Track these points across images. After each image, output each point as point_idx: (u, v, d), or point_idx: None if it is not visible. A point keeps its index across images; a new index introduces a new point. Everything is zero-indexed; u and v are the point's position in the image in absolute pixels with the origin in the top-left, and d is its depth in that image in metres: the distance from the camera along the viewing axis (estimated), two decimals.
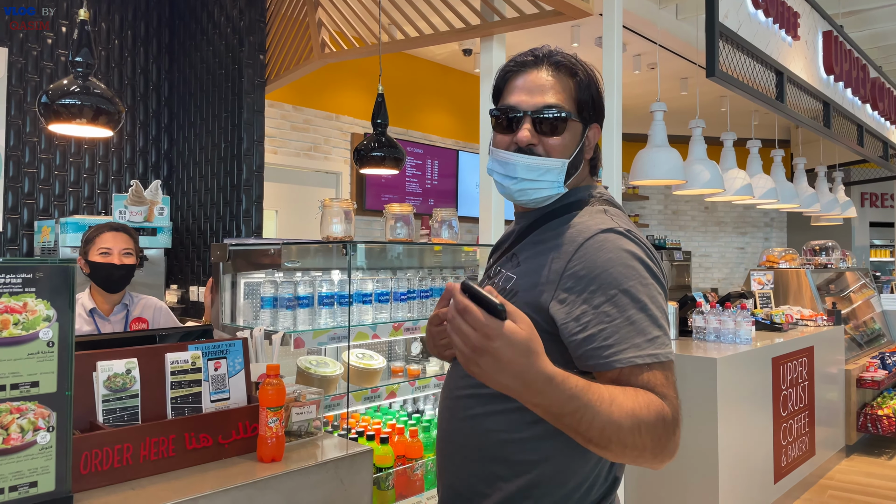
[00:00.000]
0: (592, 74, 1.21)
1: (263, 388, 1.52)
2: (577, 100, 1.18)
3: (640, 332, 1.00)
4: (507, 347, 0.82)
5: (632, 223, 1.16)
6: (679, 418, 0.99)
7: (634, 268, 1.04)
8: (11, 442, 1.21)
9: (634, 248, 1.07)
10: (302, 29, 4.23)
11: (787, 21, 4.00)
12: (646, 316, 1.01)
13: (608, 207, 1.18)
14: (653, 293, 1.04)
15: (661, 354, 1.00)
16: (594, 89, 1.20)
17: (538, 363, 0.84)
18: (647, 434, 0.92)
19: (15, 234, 4.12)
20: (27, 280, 1.23)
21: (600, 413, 0.89)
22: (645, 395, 0.96)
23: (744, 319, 3.76)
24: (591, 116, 1.20)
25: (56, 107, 2.14)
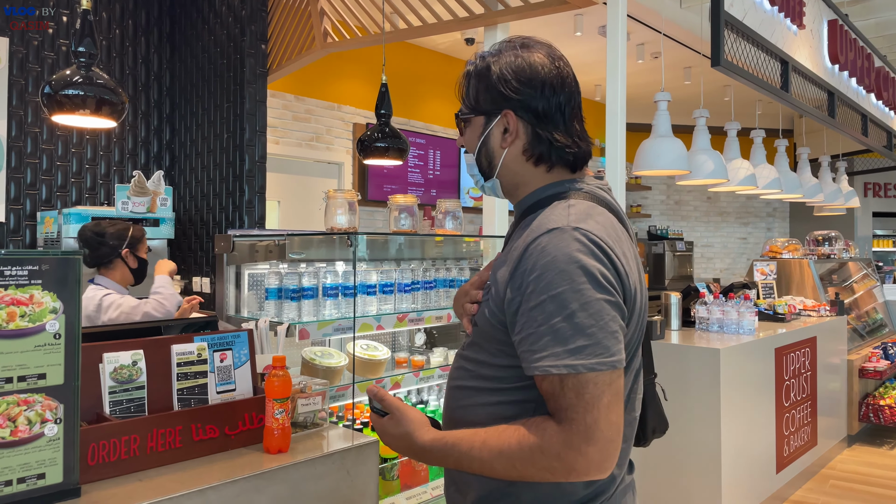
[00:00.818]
0: (486, 63, 1.16)
1: (269, 380, 1.52)
2: (471, 95, 1.19)
3: (562, 340, 0.97)
4: (387, 437, 1.14)
5: (596, 217, 1.08)
6: (583, 439, 0.95)
7: (568, 272, 0.99)
8: (19, 434, 1.21)
9: (576, 249, 1.00)
10: (304, 18, 4.21)
11: (792, 10, 3.97)
12: (570, 324, 0.97)
13: (577, 201, 1.10)
14: (586, 299, 0.98)
15: (582, 365, 0.96)
16: (489, 79, 1.15)
17: (413, 440, 1.10)
18: (524, 466, 0.99)
19: (18, 225, 4.11)
20: (33, 272, 1.23)
21: (473, 458, 1.03)
22: (521, 430, 1.00)
23: (747, 310, 3.76)
24: (491, 106, 1.15)
25: (59, 97, 2.13)
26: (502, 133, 1.16)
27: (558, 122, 1.14)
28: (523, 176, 1.18)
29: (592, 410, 0.96)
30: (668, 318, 3.82)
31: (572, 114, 1.16)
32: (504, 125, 1.15)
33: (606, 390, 0.97)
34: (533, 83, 1.13)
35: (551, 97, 1.13)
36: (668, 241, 8.06)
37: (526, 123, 1.14)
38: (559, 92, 1.14)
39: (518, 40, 1.17)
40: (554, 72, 1.14)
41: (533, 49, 1.15)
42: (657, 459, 3.34)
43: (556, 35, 6.05)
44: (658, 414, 1.32)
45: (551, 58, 1.15)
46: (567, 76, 1.15)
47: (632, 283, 1.05)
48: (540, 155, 1.15)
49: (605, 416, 0.96)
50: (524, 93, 1.13)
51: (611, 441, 0.97)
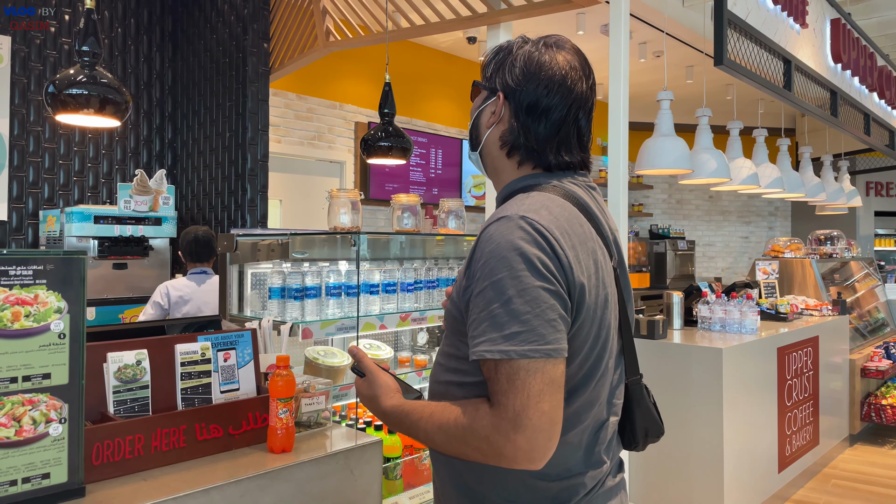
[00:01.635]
0: (514, 46, 1.20)
1: (273, 380, 1.52)
2: (489, 69, 1.23)
3: (498, 326, 0.98)
4: (360, 396, 1.21)
5: (551, 207, 1.07)
6: (511, 424, 0.95)
7: (508, 259, 1.00)
8: (24, 434, 1.21)
9: (519, 236, 1.01)
10: (306, 17, 4.20)
11: (795, 8, 3.97)
12: (506, 311, 0.98)
13: (538, 194, 1.11)
14: (524, 286, 0.98)
15: (514, 351, 0.96)
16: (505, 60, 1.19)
17: (378, 403, 1.16)
18: (460, 444, 1.02)
19: (20, 224, 4.12)
20: (38, 272, 1.23)
21: (420, 429, 1.08)
22: (460, 408, 1.03)
23: (749, 309, 3.76)
24: (493, 84, 1.19)
25: (63, 97, 2.13)
26: (491, 112, 1.20)
27: (541, 122, 1.15)
28: (498, 161, 1.21)
29: (521, 397, 0.96)
30: (670, 318, 3.82)
31: (561, 124, 1.15)
32: (495, 105, 1.19)
33: (538, 378, 0.97)
34: (532, 78, 1.14)
35: (543, 97, 1.14)
36: (669, 240, 8.05)
37: (511, 112, 1.17)
38: (553, 95, 1.14)
39: (554, 39, 1.20)
40: (559, 77, 1.14)
41: (558, 51, 1.17)
42: (660, 459, 3.34)
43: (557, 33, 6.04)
44: (650, 417, 1.26)
45: (567, 65, 1.15)
46: (572, 86, 1.15)
47: (577, 277, 1.03)
48: (511, 146, 1.18)
49: (535, 404, 0.96)
50: (520, 83, 1.15)
51: (540, 430, 0.96)
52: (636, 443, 1.25)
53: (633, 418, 1.23)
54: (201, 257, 3.41)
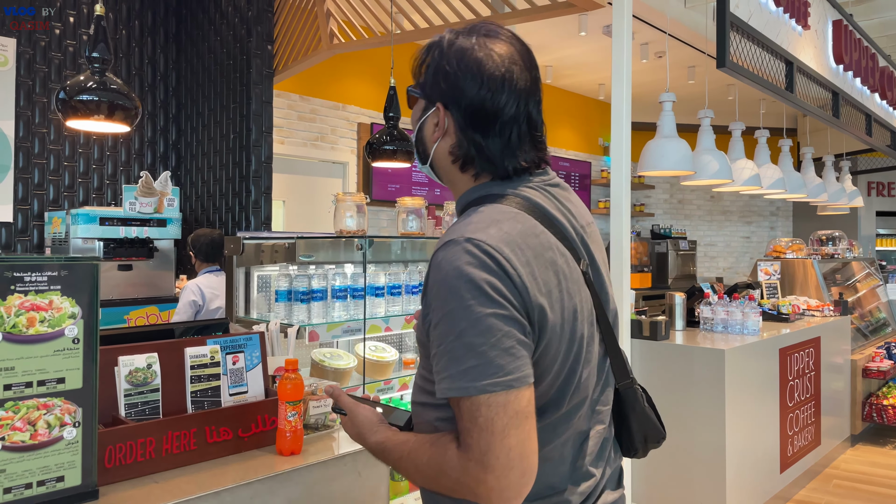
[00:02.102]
0: (445, 43, 1.07)
1: (282, 383, 1.54)
2: (423, 72, 1.10)
3: (455, 361, 0.93)
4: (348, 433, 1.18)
5: (504, 225, 0.99)
6: (479, 466, 0.91)
7: (456, 288, 0.93)
8: (39, 437, 1.23)
9: (466, 261, 0.94)
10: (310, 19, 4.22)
11: (797, 10, 3.98)
12: (461, 344, 0.92)
13: (489, 207, 1.03)
14: (475, 316, 0.92)
15: (473, 387, 0.91)
16: (438, 62, 1.06)
17: (364, 440, 1.13)
18: (435, 483, 0.99)
19: (25, 225, 4.14)
20: (52, 278, 1.25)
21: (401, 468, 1.06)
22: (433, 448, 0.99)
23: (751, 310, 3.77)
24: (430, 92, 1.08)
25: (74, 103, 2.15)
26: (434, 125, 1.09)
27: (490, 130, 1.04)
28: (451, 175, 1.12)
29: (486, 435, 0.91)
30: (672, 319, 3.84)
31: (516, 126, 1.05)
32: (436, 118, 1.08)
33: (501, 413, 0.91)
34: (472, 81, 1.03)
35: (487, 101, 1.03)
36: (671, 241, 8.06)
37: (456, 123, 1.06)
38: (498, 96, 1.03)
39: (485, 29, 1.07)
40: (501, 73, 1.03)
41: (494, 42, 1.05)
42: (662, 459, 3.36)
43: (560, 35, 6.06)
44: (647, 422, 1.18)
45: (509, 58, 1.04)
46: (516, 81, 1.04)
47: (534, 296, 0.96)
48: (464, 160, 1.08)
49: (500, 442, 0.90)
50: (459, 89, 1.04)
51: (510, 468, 0.90)
52: (635, 449, 1.20)
53: (629, 424, 1.17)
54: (216, 257, 3.61)
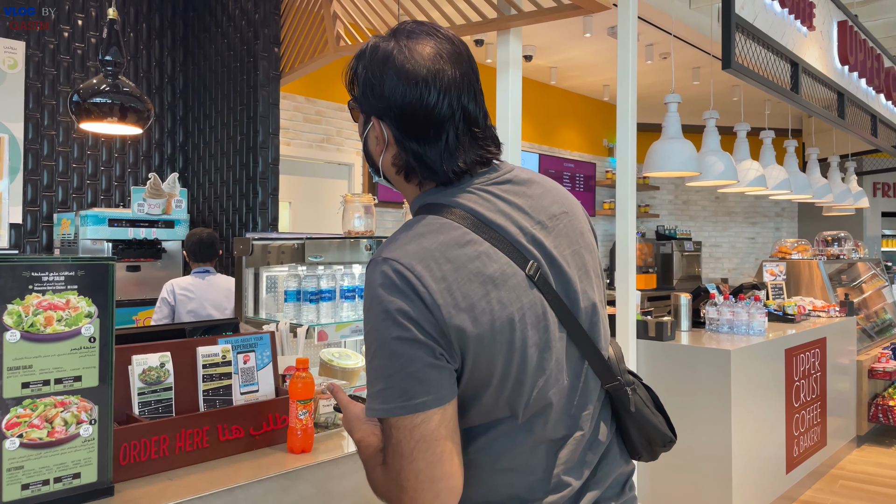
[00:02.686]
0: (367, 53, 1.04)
1: (293, 382, 1.55)
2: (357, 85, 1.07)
3: (371, 383, 0.96)
4: None
5: (427, 240, 0.97)
6: (398, 487, 0.93)
7: (371, 311, 0.95)
8: (56, 435, 1.25)
9: (379, 283, 0.94)
10: (317, 21, 4.24)
11: (802, 11, 3.99)
12: (372, 367, 0.95)
13: (419, 221, 1.01)
14: (382, 339, 0.93)
15: (382, 410, 0.93)
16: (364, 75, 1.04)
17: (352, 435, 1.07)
18: (378, 492, 1.01)
19: (34, 227, 4.17)
20: (69, 278, 1.27)
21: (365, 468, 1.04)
22: (372, 461, 1.01)
23: (757, 311, 3.78)
24: (365, 106, 1.06)
25: (87, 105, 2.18)
26: (375, 138, 1.06)
27: (424, 136, 1.01)
28: (399, 186, 1.10)
29: (397, 458, 0.93)
30: (678, 319, 3.84)
31: (448, 121, 1.01)
32: (375, 131, 1.05)
33: (408, 436, 0.91)
34: (396, 89, 1.00)
35: (417, 107, 0.99)
36: (676, 241, 8.06)
37: (392, 133, 1.03)
38: (427, 98, 0.99)
39: (407, 27, 1.04)
40: (424, 75, 0.99)
41: (415, 43, 1.01)
42: (668, 459, 3.37)
43: (565, 36, 6.07)
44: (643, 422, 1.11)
45: (431, 57, 1.00)
46: (443, 78, 1.00)
47: (448, 314, 0.92)
48: (407, 169, 1.05)
49: (409, 465, 0.91)
50: (386, 99, 1.01)
51: (421, 490, 0.91)
52: (638, 453, 1.14)
53: (625, 425, 1.11)
54: (204, 258, 3.58)
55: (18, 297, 1.21)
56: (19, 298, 1.21)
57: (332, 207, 6.06)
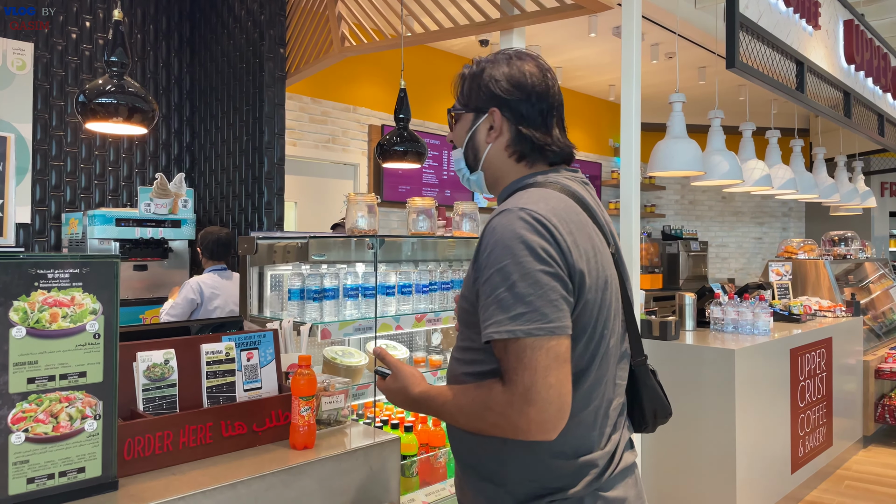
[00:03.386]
0: (481, 67, 1.30)
1: (296, 378, 1.57)
2: (464, 93, 1.32)
3: (504, 309, 1.06)
4: (389, 393, 1.30)
5: (549, 200, 1.16)
6: (522, 399, 1.04)
7: (511, 247, 1.09)
8: (61, 429, 1.27)
9: (520, 226, 1.10)
10: (322, 22, 4.26)
11: (807, 10, 3.98)
12: (511, 294, 1.06)
13: (535, 189, 1.21)
14: (526, 270, 1.07)
15: (521, 330, 1.05)
16: (482, 79, 1.28)
17: (408, 393, 1.25)
18: (480, 421, 1.11)
19: (43, 226, 4.21)
20: (74, 275, 1.28)
21: (444, 412, 1.18)
22: (477, 389, 1.12)
23: (762, 311, 3.77)
24: (481, 104, 1.28)
25: (93, 106, 2.20)
26: (488, 129, 1.29)
27: (539, 124, 1.27)
28: (503, 170, 1.30)
29: (530, 372, 1.04)
30: (682, 319, 3.84)
31: (554, 120, 1.28)
32: (490, 122, 1.28)
33: (544, 354, 1.04)
34: (520, 88, 1.26)
35: (536, 102, 1.26)
36: (682, 241, 8.05)
37: (510, 122, 1.27)
38: (543, 99, 1.26)
39: (512, 51, 1.31)
40: (541, 81, 1.27)
41: (525, 60, 1.29)
42: (672, 459, 3.37)
43: (570, 36, 6.07)
44: (656, 397, 1.32)
45: (541, 70, 1.28)
46: (552, 87, 1.28)
47: (576, 261, 1.11)
48: (521, 152, 1.27)
49: (543, 379, 1.04)
50: (512, 94, 1.26)
51: (549, 402, 1.04)
52: (646, 424, 1.32)
53: (641, 399, 1.30)
54: (221, 256, 3.66)
55: (24, 294, 1.23)
56: (25, 295, 1.23)
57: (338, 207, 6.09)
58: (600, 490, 1.18)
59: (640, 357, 1.30)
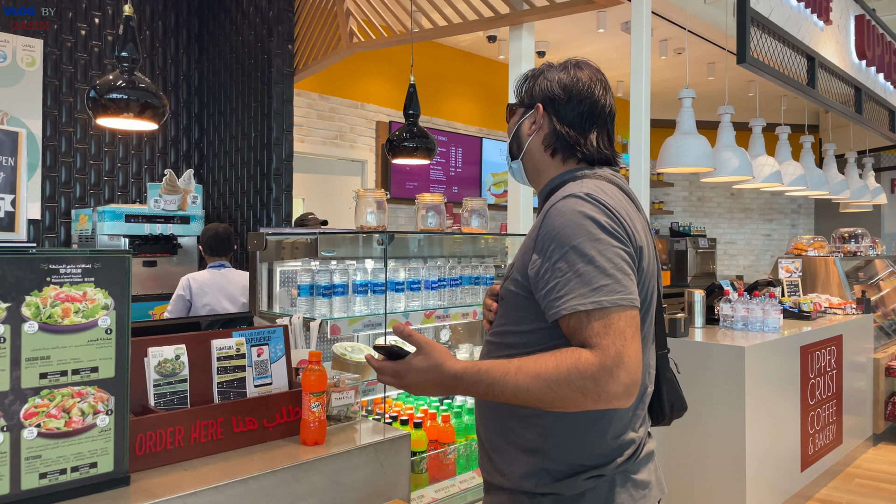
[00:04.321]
0: (541, 70, 1.39)
1: (306, 374, 1.57)
2: (521, 91, 1.42)
3: (586, 282, 1.11)
4: (415, 374, 1.21)
5: (604, 189, 1.23)
6: (614, 362, 1.06)
7: (583, 225, 1.14)
8: (73, 425, 1.27)
9: (589, 208, 1.17)
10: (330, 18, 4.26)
11: (818, 5, 3.95)
12: (593, 267, 1.11)
13: (588, 180, 1.27)
14: (602, 247, 1.13)
15: (607, 301, 1.09)
16: (537, 80, 1.38)
17: (444, 370, 1.18)
18: (562, 387, 1.08)
19: (52, 222, 4.23)
20: (86, 270, 1.29)
21: (507, 383, 1.12)
22: (557, 355, 1.10)
23: (772, 308, 3.75)
24: (530, 100, 1.38)
25: (104, 101, 2.21)
26: (531, 123, 1.38)
27: (576, 125, 1.34)
28: (542, 163, 1.38)
29: (619, 339, 1.08)
30: (691, 316, 3.82)
31: (594, 126, 1.35)
32: (534, 117, 1.37)
33: (629, 323, 1.10)
34: (566, 90, 1.34)
35: (577, 105, 1.33)
36: (690, 238, 8.01)
37: (550, 119, 1.35)
38: (585, 103, 1.33)
39: (575, 60, 1.40)
40: (587, 88, 1.34)
41: (582, 69, 1.37)
42: (681, 456, 3.36)
43: (578, 32, 6.05)
44: (674, 390, 1.38)
45: (592, 79, 1.35)
46: (598, 96, 1.34)
47: (638, 242, 1.19)
48: (555, 147, 1.35)
49: (631, 345, 1.08)
50: (557, 95, 1.34)
51: (636, 367, 1.08)
52: (663, 416, 1.37)
53: (661, 390, 1.36)
54: (220, 252, 3.65)
55: (36, 289, 1.23)
56: (37, 290, 1.23)
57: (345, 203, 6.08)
58: (629, 472, 1.23)
59: (663, 349, 1.36)
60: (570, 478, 1.20)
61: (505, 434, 1.27)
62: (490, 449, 1.31)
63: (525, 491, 1.23)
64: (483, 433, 1.33)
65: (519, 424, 1.24)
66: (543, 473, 1.22)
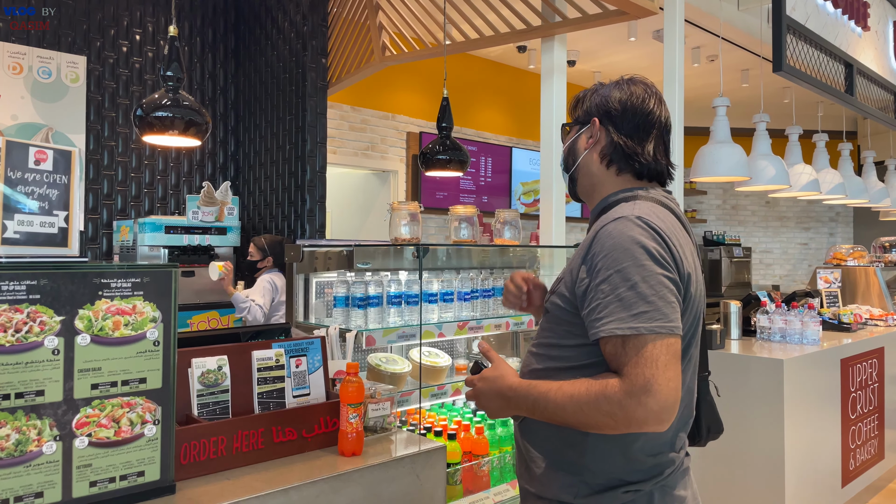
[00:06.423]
0: (595, 89, 1.42)
1: (345, 385, 1.59)
2: (576, 109, 1.45)
3: (627, 307, 1.13)
4: (483, 382, 1.32)
5: (657, 212, 1.25)
6: (642, 390, 1.08)
7: (631, 251, 1.16)
8: (122, 434, 1.31)
9: (638, 232, 1.18)
10: (363, 32, 4.32)
11: (856, 11, 3.88)
12: (635, 293, 1.13)
13: (641, 202, 1.28)
14: (647, 273, 1.14)
15: (644, 328, 1.11)
16: (592, 97, 1.41)
17: (504, 381, 1.28)
18: (592, 410, 1.13)
19: (95, 234, 4.35)
20: (136, 284, 1.33)
21: (549, 401, 1.19)
22: (591, 380, 1.15)
23: (811, 319, 3.68)
24: (586, 116, 1.40)
25: (150, 119, 2.28)
26: (588, 137, 1.40)
27: (633, 135, 1.36)
28: (597, 176, 1.39)
29: (651, 367, 1.09)
30: (727, 327, 3.77)
31: (650, 137, 1.36)
32: (591, 132, 1.40)
33: (664, 351, 1.11)
34: (622, 103, 1.36)
35: (632, 117, 1.35)
36: (724, 247, 7.89)
37: (607, 131, 1.37)
38: (640, 114, 1.35)
39: (628, 77, 1.44)
40: (641, 100, 1.37)
41: (636, 83, 1.40)
42: (720, 470, 3.30)
43: (609, 41, 6.03)
44: (712, 412, 1.40)
45: (646, 92, 1.38)
46: (653, 108, 1.36)
47: (685, 269, 1.21)
48: (611, 158, 1.36)
49: (663, 373, 1.09)
50: (613, 108, 1.37)
51: (668, 395, 1.09)
52: (700, 437, 1.39)
53: (699, 413, 1.37)
54: (283, 260, 3.92)
55: (89, 303, 1.28)
56: (90, 304, 1.28)
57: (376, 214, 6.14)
58: (667, 486, 1.25)
59: (705, 371, 1.38)
60: (608, 491, 1.22)
61: (544, 444, 1.29)
62: (528, 458, 1.32)
63: (563, 502, 1.25)
64: (521, 441, 1.35)
65: (558, 437, 1.26)
66: (582, 485, 1.23)
